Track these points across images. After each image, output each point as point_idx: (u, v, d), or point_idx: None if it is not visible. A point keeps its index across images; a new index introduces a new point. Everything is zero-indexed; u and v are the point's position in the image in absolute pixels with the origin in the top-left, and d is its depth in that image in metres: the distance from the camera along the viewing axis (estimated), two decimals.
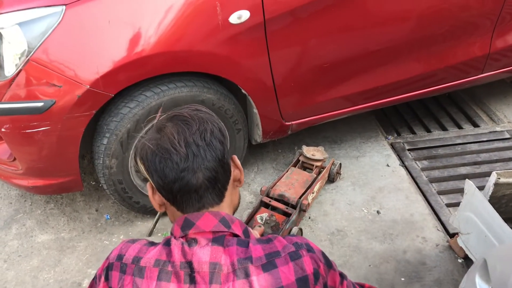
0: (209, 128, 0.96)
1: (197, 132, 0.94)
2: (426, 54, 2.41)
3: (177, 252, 0.92)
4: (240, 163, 1.06)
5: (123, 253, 0.97)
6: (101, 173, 1.99)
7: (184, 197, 0.96)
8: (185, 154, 0.92)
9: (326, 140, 2.74)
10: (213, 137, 0.95)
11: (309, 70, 2.13)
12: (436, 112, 3.00)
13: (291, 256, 0.93)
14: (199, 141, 0.94)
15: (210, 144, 0.95)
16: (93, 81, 1.74)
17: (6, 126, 1.84)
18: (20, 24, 1.73)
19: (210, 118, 0.99)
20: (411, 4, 2.19)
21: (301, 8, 1.94)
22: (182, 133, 0.93)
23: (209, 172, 0.94)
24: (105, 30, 1.75)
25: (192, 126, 0.94)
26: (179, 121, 0.96)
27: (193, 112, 0.98)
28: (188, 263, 0.91)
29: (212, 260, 0.90)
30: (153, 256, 0.93)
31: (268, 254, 0.92)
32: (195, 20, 1.82)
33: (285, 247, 0.94)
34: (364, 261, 2.00)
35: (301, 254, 0.94)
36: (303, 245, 0.96)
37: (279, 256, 0.92)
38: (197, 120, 0.96)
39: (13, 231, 2.26)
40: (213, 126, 0.97)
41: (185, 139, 0.93)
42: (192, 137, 0.93)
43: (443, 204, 2.27)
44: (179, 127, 0.94)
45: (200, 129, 0.95)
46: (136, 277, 0.92)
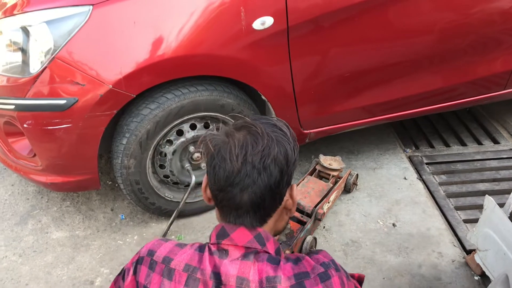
0: (274, 153, 0.91)
1: (259, 154, 0.90)
2: (447, 68, 2.38)
3: (208, 261, 0.92)
4: None
5: (155, 249, 0.98)
6: (118, 173, 2.01)
7: (225, 208, 0.96)
8: (238, 170, 0.90)
9: (343, 150, 2.73)
10: (274, 163, 0.91)
11: (329, 79, 2.12)
12: (456, 127, 2.97)
13: (321, 278, 0.92)
14: (257, 163, 0.90)
15: (267, 169, 0.91)
16: (116, 81, 1.76)
17: (29, 122, 1.86)
18: (47, 22, 1.75)
19: (282, 140, 0.94)
20: (433, 18, 2.18)
21: (324, 17, 1.94)
22: (245, 148, 0.91)
23: (256, 196, 0.92)
24: (130, 31, 1.76)
25: (258, 145, 0.91)
26: (249, 133, 0.93)
27: (268, 129, 0.94)
28: (217, 274, 0.91)
29: (240, 274, 0.90)
30: (184, 259, 0.94)
31: (297, 274, 0.91)
32: (219, 24, 1.83)
33: (314, 268, 0.93)
34: (378, 273, 1.98)
35: (330, 275, 0.93)
36: (331, 265, 0.95)
37: (309, 277, 0.91)
38: (266, 140, 0.91)
39: (29, 226, 2.28)
40: (279, 151, 0.92)
41: (244, 156, 0.90)
42: (252, 157, 0.90)
43: (460, 219, 2.24)
44: (245, 140, 0.92)
45: (264, 152, 0.91)
46: (164, 278, 0.93)
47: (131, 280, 0.98)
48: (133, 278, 0.98)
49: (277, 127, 0.96)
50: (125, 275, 1.01)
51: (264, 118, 0.98)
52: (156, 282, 0.93)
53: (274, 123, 0.97)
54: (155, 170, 2.11)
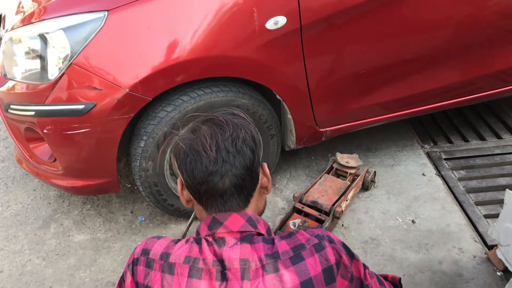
0: (242, 135, 0.98)
1: (229, 138, 0.96)
2: (464, 62, 2.35)
3: (208, 250, 0.94)
4: (273, 169, 1.08)
5: (149, 248, 0.99)
6: (137, 175, 2.03)
7: (209, 199, 0.98)
8: (215, 158, 0.95)
9: (360, 147, 2.72)
10: (245, 145, 0.97)
11: (344, 76, 2.12)
12: (474, 121, 2.93)
13: (316, 248, 0.95)
14: (230, 148, 0.96)
15: (240, 151, 0.97)
16: (133, 85, 1.79)
17: (48, 127, 1.90)
18: (64, 29, 1.79)
19: (245, 124, 1.00)
20: (449, 12, 2.15)
21: (337, 15, 1.94)
22: (214, 137, 0.96)
23: (236, 178, 0.97)
24: (145, 35, 1.79)
25: (226, 132, 0.96)
26: (214, 124, 0.98)
27: (228, 117, 1.00)
28: (219, 261, 0.92)
29: (242, 256, 0.92)
30: (183, 252, 0.95)
31: (293, 247, 0.95)
32: (232, 26, 1.84)
33: (309, 240, 0.97)
34: (399, 270, 1.96)
35: (324, 245, 0.96)
36: (324, 237, 0.98)
37: (304, 248, 0.95)
38: (231, 126, 0.97)
39: (51, 230, 2.33)
40: (246, 133, 0.98)
41: (216, 144, 0.95)
42: (224, 143, 0.95)
43: (481, 215, 2.21)
44: (212, 131, 0.97)
45: (233, 136, 0.97)
46: (165, 273, 0.94)
47: (130, 282, 0.99)
48: (132, 280, 0.99)
49: (236, 115, 1.02)
50: (124, 278, 1.02)
51: (221, 110, 1.03)
52: (157, 279, 0.94)
53: (232, 111, 1.03)
54: (172, 171, 2.13)
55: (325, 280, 0.93)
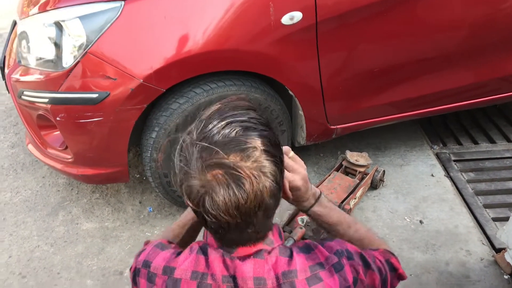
0: (265, 193, 0.81)
1: (252, 204, 0.81)
2: (477, 64, 2.34)
3: (217, 264, 0.88)
4: None
5: (150, 260, 0.94)
6: (147, 166, 2.04)
7: (227, 243, 0.90)
8: (235, 223, 0.83)
9: (370, 146, 2.71)
10: (268, 199, 0.83)
11: (357, 74, 2.11)
12: (484, 124, 2.92)
13: (335, 268, 0.90)
14: (252, 210, 0.81)
15: (264, 211, 0.84)
16: (147, 76, 1.79)
17: (61, 115, 1.91)
18: (80, 17, 1.79)
19: (268, 169, 0.81)
20: (463, 13, 2.14)
21: (353, 12, 1.93)
22: (234, 200, 0.79)
23: (257, 230, 0.88)
24: (160, 26, 1.79)
25: (248, 194, 0.79)
26: (234, 181, 0.78)
27: (250, 167, 0.79)
28: (231, 277, 0.87)
29: (256, 274, 0.87)
30: (189, 267, 0.89)
31: (312, 266, 0.90)
32: (248, 20, 1.84)
33: (328, 259, 0.91)
34: (405, 270, 1.93)
35: (343, 264, 0.92)
36: (343, 253, 0.94)
37: (323, 268, 0.90)
38: (254, 185, 0.79)
39: (59, 217, 2.34)
40: (270, 184, 0.81)
41: (237, 207, 0.80)
42: (245, 209, 0.80)
43: (489, 218, 2.20)
44: (232, 191, 0.78)
45: (256, 200, 0.80)
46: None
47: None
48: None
49: (257, 150, 0.81)
50: (132, 284, 0.99)
51: (236, 141, 0.80)
52: None
53: (253, 145, 0.80)
54: None
55: None
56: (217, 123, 0.82)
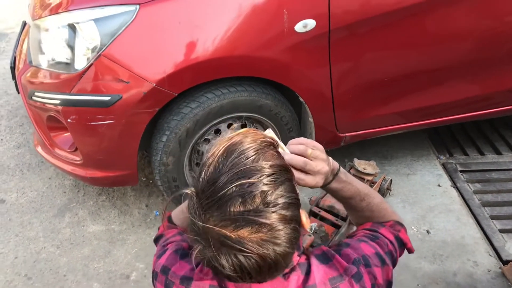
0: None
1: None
2: (485, 76, 2.35)
3: (232, 284, 0.86)
4: None
5: (170, 267, 0.94)
6: (157, 170, 2.04)
7: None
8: None
9: (377, 155, 2.72)
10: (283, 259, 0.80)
11: (368, 83, 2.12)
12: (490, 135, 2.92)
13: (355, 278, 0.90)
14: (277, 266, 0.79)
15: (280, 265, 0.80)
16: (160, 80, 1.79)
17: (73, 117, 1.91)
18: (95, 20, 1.80)
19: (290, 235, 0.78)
20: (471, 26, 2.13)
21: (365, 22, 1.93)
22: (246, 271, 0.77)
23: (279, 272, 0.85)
24: (175, 31, 1.79)
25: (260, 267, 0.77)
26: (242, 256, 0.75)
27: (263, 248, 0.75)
28: None
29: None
30: (206, 281, 0.89)
31: (331, 279, 0.89)
32: (261, 26, 1.84)
33: (347, 270, 0.91)
34: (413, 280, 1.96)
35: (362, 273, 0.92)
36: (361, 261, 0.93)
37: (343, 280, 0.89)
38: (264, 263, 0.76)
39: (66, 219, 2.34)
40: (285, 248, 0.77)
41: (249, 274, 0.78)
42: (258, 272, 0.78)
43: (496, 229, 2.21)
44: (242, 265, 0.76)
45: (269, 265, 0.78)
46: None
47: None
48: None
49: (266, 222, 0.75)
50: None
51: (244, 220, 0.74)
52: None
53: (262, 221, 0.74)
54: (191, 168, 2.14)
55: None
56: (225, 190, 0.75)
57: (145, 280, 2.00)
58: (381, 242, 1.02)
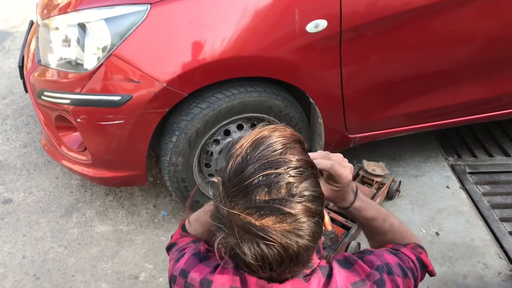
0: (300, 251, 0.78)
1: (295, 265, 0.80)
2: (494, 78, 2.34)
3: (253, 284, 0.87)
4: None
5: (188, 270, 0.94)
6: (166, 170, 2.03)
7: None
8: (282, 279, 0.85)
9: (384, 156, 2.70)
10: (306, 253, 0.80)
11: (378, 84, 2.10)
12: (499, 137, 2.90)
13: (377, 285, 0.90)
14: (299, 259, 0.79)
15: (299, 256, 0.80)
16: (170, 80, 1.78)
17: (82, 116, 1.90)
18: (106, 19, 1.79)
19: (312, 227, 0.78)
20: (480, 28, 2.12)
21: (376, 22, 1.92)
22: (267, 261, 0.77)
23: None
24: (186, 31, 1.79)
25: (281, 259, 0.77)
26: (265, 245, 0.75)
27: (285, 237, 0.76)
28: None
29: None
30: (227, 282, 0.89)
31: (353, 283, 0.89)
32: (273, 26, 1.84)
33: (369, 276, 0.90)
34: (423, 282, 1.91)
35: (385, 280, 0.91)
36: (384, 268, 0.93)
37: (365, 285, 0.89)
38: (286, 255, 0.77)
39: (73, 219, 2.33)
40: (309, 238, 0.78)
41: (270, 265, 0.78)
42: (280, 264, 0.78)
43: (506, 231, 2.19)
44: (264, 254, 0.76)
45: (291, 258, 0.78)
46: None
47: None
48: None
49: (293, 210, 0.76)
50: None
51: (269, 208, 0.75)
52: None
53: (288, 210, 0.75)
54: (200, 168, 2.13)
55: None
56: (251, 179, 0.76)
57: (154, 280, 1.99)
58: (403, 258, 1.01)
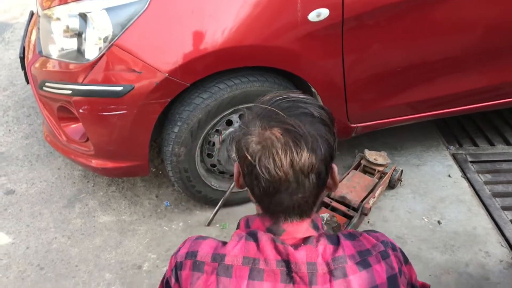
0: (320, 154, 0.85)
1: (306, 160, 0.84)
2: (495, 66, 2.33)
3: (269, 249, 0.88)
4: None
5: (196, 249, 0.92)
6: (168, 160, 2.03)
7: (270, 209, 0.92)
8: (286, 179, 0.85)
9: (386, 146, 2.70)
10: (321, 163, 0.86)
11: (380, 73, 2.10)
12: (500, 126, 2.90)
13: (382, 255, 0.91)
14: (305, 169, 0.84)
15: (314, 171, 0.86)
16: (172, 70, 1.78)
17: (84, 107, 1.90)
18: (107, 9, 1.78)
19: (325, 134, 0.86)
20: (482, 16, 2.11)
21: (378, 10, 1.91)
22: (289, 155, 0.83)
23: (305, 196, 0.89)
24: (187, 20, 1.78)
25: (303, 150, 0.83)
26: (289, 136, 0.84)
27: (307, 128, 0.85)
28: (285, 261, 0.87)
29: (309, 260, 0.87)
30: (239, 253, 0.88)
31: (359, 252, 0.91)
32: (275, 15, 1.83)
33: (375, 246, 0.92)
34: (425, 270, 1.96)
35: (389, 253, 0.93)
36: (388, 244, 0.95)
37: (371, 255, 0.91)
38: (310, 143, 0.84)
39: (76, 210, 2.34)
40: (325, 148, 0.86)
41: (291, 164, 0.84)
42: (299, 165, 0.84)
43: (507, 220, 2.20)
44: (287, 146, 0.83)
45: (311, 156, 0.84)
46: (221, 276, 0.87)
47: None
48: (178, 286, 0.92)
49: (315, 118, 0.87)
50: (170, 284, 0.95)
51: (295, 107, 0.87)
52: (211, 283, 0.87)
53: (311, 112, 0.87)
54: (202, 159, 2.13)
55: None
56: (277, 98, 0.90)
57: (157, 270, 2.00)
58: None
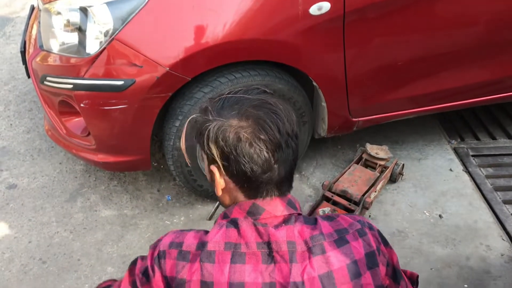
0: (293, 118, 0.94)
1: (287, 123, 0.92)
2: (496, 60, 2.32)
3: (250, 232, 0.91)
4: (301, 156, 1.03)
5: (181, 240, 0.94)
6: (170, 154, 2.04)
7: (266, 186, 0.94)
8: (280, 145, 0.91)
9: (387, 140, 2.70)
10: (296, 127, 0.94)
11: (382, 67, 2.09)
12: (502, 120, 2.90)
13: (359, 233, 0.96)
14: (290, 132, 0.92)
15: (296, 134, 0.94)
16: (173, 64, 1.78)
17: (86, 101, 1.90)
18: (108, 3, 1.78)
19: (286, 105, 0.96)
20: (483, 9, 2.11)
21: (381, 3, 1.91)
22: (276, 124, 0.90)
23: (293, 163, 0.96)
24: (188, 14, 1.78)
25: (283, 117, 0.92)
26: (270, 111, 0.91)
27: (274, 100, 0.94)
28: (266, 243, 0.90)
29: (289, 238, 0.91)
30: (221, 239, 0.91)
31: (337, 230, 0.95)
32: (276, 9, 1.82)
33: (351, 225, 0.97)
34: (426, 264, 1.97)
35: (366, 232, 0.97)
36: (365, 223, 0.99)
37: (348, 232, 0.95)
38: (283, 110, 0.93)
39: (78, 204, 2.34)
40: (293, 114, 0.95)
41: (279, 130, 0.90)
42: (285, 129, 0.91)
43: (508, 213, 2.20)
44: (272, 118, 0.90)
45: (289, 120, 0.93)
46: (204, 262, 0.89)
47: (159, 276, 0.93)
48: (160, 273, 0.93)
49: (272, 96, 0.97)
50: (149, 272, 0.95)
51: (249, 90, 0.97)
52: (195, 270, 0.89)
53: (263, 90, 0.98)
54: None
55: (367, 265, 0.93)
56: (230, 91, 0.97)
57: None
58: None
